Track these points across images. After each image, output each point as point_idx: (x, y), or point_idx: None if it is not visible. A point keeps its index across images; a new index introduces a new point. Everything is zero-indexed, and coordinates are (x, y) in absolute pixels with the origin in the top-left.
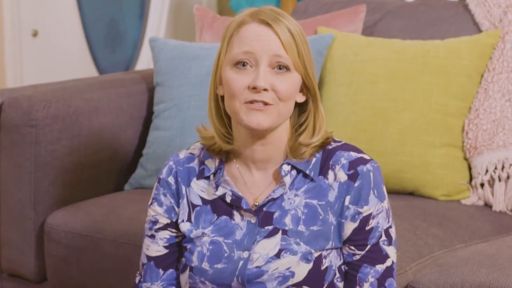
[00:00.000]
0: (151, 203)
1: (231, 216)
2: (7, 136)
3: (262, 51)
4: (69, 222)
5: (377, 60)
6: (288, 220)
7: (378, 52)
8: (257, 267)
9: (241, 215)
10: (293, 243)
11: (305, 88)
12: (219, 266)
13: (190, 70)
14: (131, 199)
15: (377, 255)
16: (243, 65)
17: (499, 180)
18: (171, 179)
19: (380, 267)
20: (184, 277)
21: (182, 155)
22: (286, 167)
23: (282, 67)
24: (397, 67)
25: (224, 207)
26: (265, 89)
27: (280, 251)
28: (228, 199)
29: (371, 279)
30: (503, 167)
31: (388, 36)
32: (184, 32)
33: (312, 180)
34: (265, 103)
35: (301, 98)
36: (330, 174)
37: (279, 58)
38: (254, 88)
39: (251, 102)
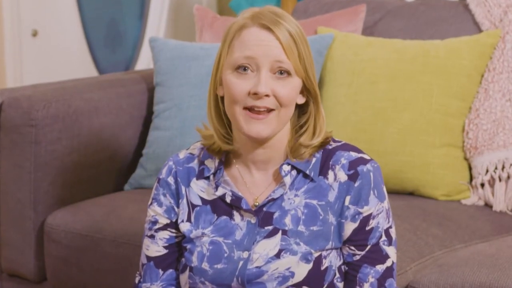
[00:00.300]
0: (151, 203)
1: (231, 216)
2: (7, 136)
3: (263, 56)
4: (69, 222)
5: (377, 60)
6: (288, 220)
7: (378, 52)
8: (257, 267)
9: (241, 215)
10: (293, 243)
11: (305, 90)
12: (219, 266)
13: (190, 70)
14: (131, 199)
15: (377, 255)
16: (244, 69)
17: (499, 180)
18: (170, 179)
19: (380, 267)
20: (184, 277)
21: (182, 155)
22: (286, 167)
23: (283, 72)
24: (397, 67)
25: (224, 207)
26: (266, 95)
27: (280, 251)
28: (228, 199)
29: (371, 279)
30: (503, 167)
31: (388, 36)
32: (184, 32)
33: (312, 180)
34: (269, 110)
35: (301, 100)
36: (330, 174)
37: (280, 63)
38: (255, 94)
39: (251, 108)
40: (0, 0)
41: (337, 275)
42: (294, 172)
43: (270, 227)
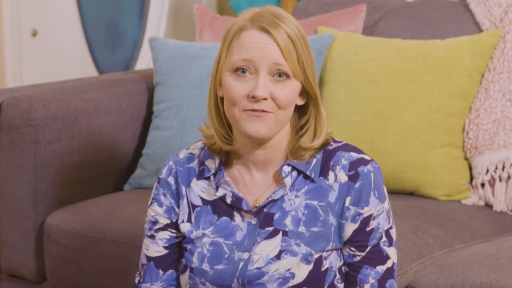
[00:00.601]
0: (151, 203)
1: (231, 217)
2: (6, 136)
3: (262, 59)
4: (69, 222)
5: (377, 60)
6: (288, 221)
7: (379, 51)
8: (257, 268)
9: (242, 216)
10: (293, 244)
11: (305, 92)
12: (219, 267)
13: (190, 70)
14: (131, 199)
15: (378, 256)
16: (243, 71)
17: (500, 180)
18: (171, 179)
19: (381, 268)
20: (184, 278)
21: (182, 155)
22: (287, 168)
23: (281, 75)
24: (397, 67)
25: (224, 208)
26: (264, 98)
27: (280, 252)
28: (229, 200)
29: (372, 280)
30: (503, 167)
31: (389, 36)
32: (184, 32)
33: (312, 181)
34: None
35: (300, 102)
36: (331, 175)
37: (278, 66)
38: (253, 97)
39: (250, 110)
40: (0, 0)
41: (338, 276)
42: (294, 173)
43: (271, 228)
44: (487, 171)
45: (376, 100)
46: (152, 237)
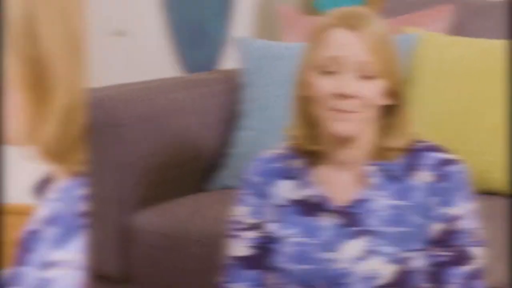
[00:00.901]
0: (237, 203)
1: (317, 217)
2: (91, 136)
3: (348, 57)
4: (154, 222)
5: (463, 60)
6: (374, 221)
7: (464, 51)
8: (343, 268)
9: (328, 216)
10: (379, 245)
11: (391, 92)
12: (305, 267)
13: (276, 70)
14: (216, 199)
15: (464, 256)
16: (329, 70)
17: None
18: (257, 179)
19: (467, 269)
20: (270, 278)
21: (268, 155)
22: (373, 168)
23: (368, 74)
24: (484, 67)
25: (310, 207)
26: (350, 97)
27: (366, 252)
28: (315, 200)
29: (458, 281)
30: None
31: (476, 36)
32: (269, 32)
33: (399, 181)
34: (353, 111)
35: (386, 101)
36: (417, 174)
37: (365, 65)
38: (340, 95)
39: (336, 110)
40: (87, 1)
41: (423, 276)
42: (380, 173)
43: (357, 228)
44: None
45: (462, 100)
46: (238, 237)
